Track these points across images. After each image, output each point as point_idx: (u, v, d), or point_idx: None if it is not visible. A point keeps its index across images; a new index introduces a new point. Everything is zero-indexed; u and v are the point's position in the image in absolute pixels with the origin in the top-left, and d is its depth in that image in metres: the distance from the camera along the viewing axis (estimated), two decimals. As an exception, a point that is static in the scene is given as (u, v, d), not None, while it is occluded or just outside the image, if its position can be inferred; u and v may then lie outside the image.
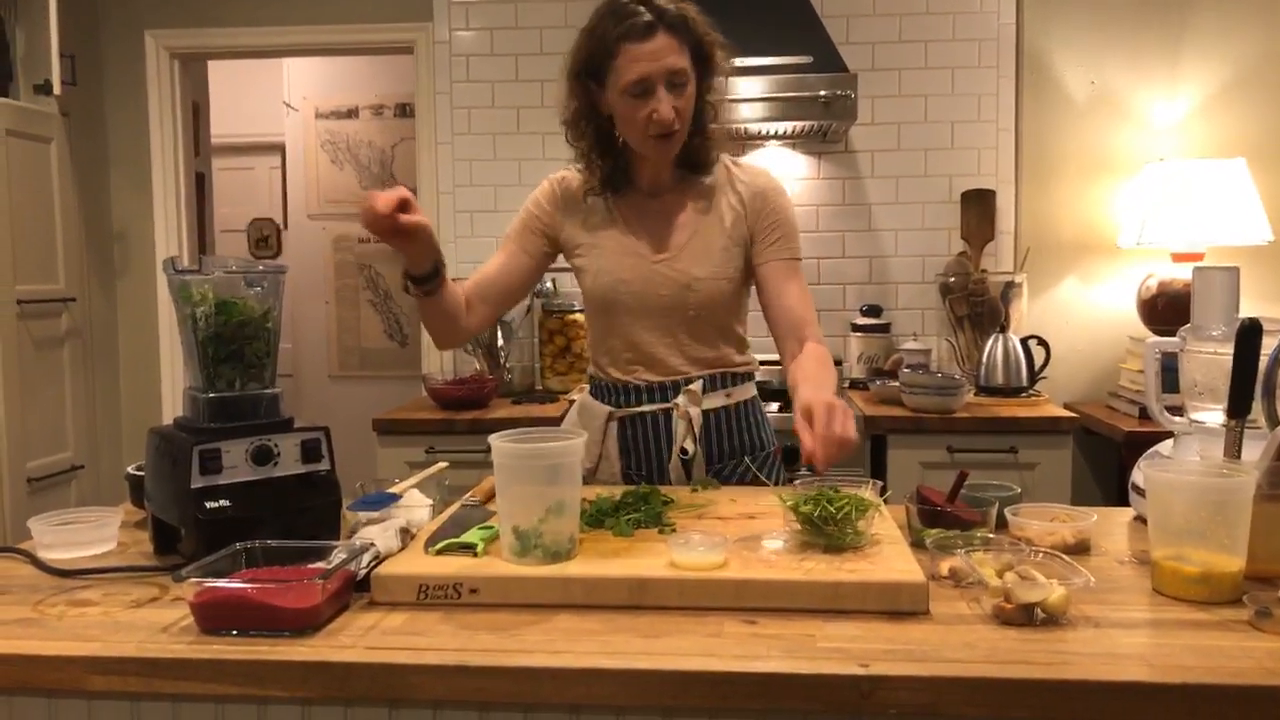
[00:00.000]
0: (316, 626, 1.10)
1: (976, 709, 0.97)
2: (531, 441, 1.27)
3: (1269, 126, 3.19)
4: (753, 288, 1.80)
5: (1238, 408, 1.26)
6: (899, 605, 1.15)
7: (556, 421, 2.82)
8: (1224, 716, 0.95)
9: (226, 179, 5.30)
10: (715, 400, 1.77)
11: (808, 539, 1.28)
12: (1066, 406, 3.19)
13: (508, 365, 3.31)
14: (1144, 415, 2.89)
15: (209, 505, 1.29)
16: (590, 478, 1.78)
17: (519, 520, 1.22)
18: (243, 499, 1.31)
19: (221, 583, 1.12)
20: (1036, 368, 3.06)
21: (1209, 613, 1.14)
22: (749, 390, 1.84)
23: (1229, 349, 1.41)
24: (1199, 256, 3.01)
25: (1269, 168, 3.10)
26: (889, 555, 1.24)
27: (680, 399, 1.73)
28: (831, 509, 1.25)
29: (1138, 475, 1.55)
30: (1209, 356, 1.47)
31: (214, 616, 1.10)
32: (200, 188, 3.94)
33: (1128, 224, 3.15)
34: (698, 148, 1.72)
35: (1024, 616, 1.11)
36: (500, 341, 3.31)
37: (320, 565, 1.20)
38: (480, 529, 1.33)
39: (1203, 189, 2.96)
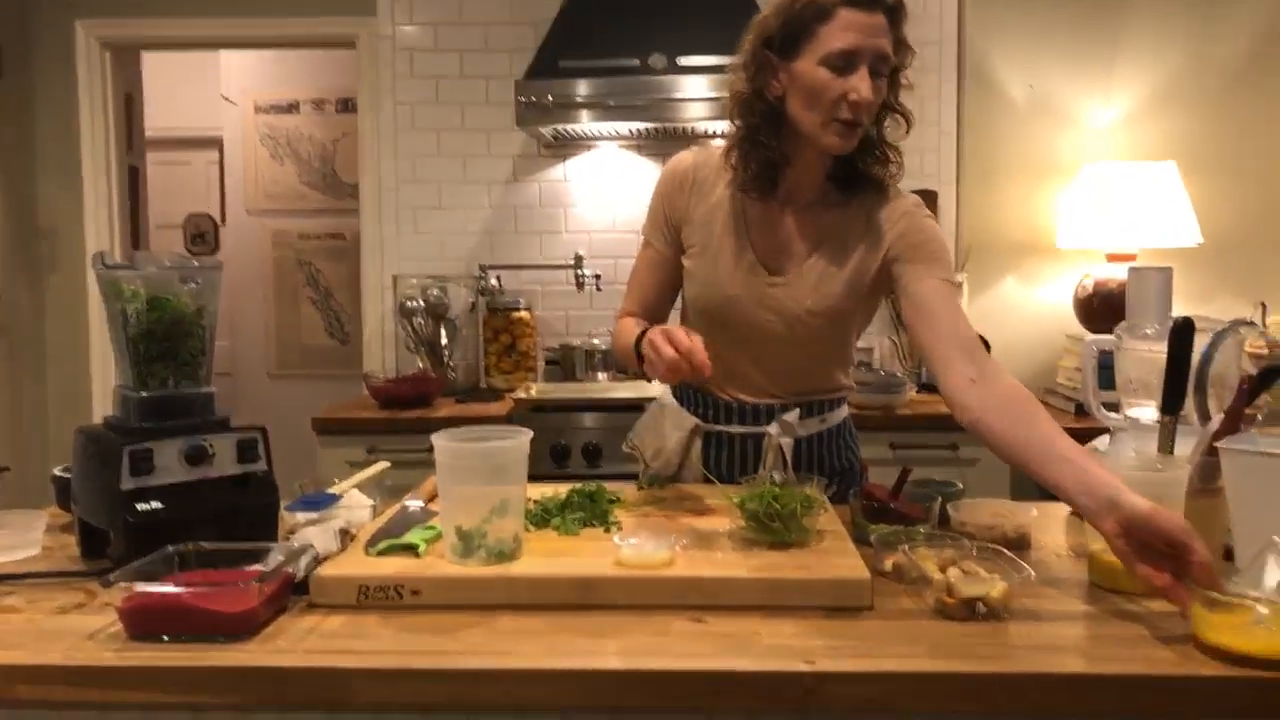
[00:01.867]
0: (252, 631, 1.07)
1: (921, 703, 0.98)
2: (476, 440, 1.25)
3: (1197, 131, 3.28)
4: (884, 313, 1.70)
5: (1171, 404, 1.29)
6: (844, 601, 1.15)
7: (501, 420, 2.80)
8: (1156, 706, 0.97)
9: (162, 174, 5.16)
10: (810, 427, 1.67)
11: (754, 536, 1.28)
12: (1005, 404, 3.24)
13: (451, 363, 3.27)
14: (1080, 411, 2.95)
15: (140, 507, 1.25)
16: (671, 481, 1.69)
17: (462, 520, 1.21)
18: (175, 501, 1.27)
19: (153, 587, 1.08)
20: (977, 366, 3.10)
21: (1144, 604, 1.16)
22: (843, 413, 1.74)
23: (1163, 346, 1.44)
24: (1132, 257, 3.08)
25: (1198, 171, 3.18)
26: (834, 551, 1.24)
27: (773, 428, 1.62)
28: (778, 506, 1.25)
29: (1075, 471, 1.58)
30: (1144, 354, 1.50)
31: (144, 622, 1.07)
32: (134, 182, 3.83)
33: (1065, 225, 3.22)
34: (863, 159, 1.55)
35: (966, 611, 1.12)
36: (444, 339, 3.28)
37: (257, 568, 1.17)
38: (422, 529, 1.31)
39: (1135, 191, 3.03)
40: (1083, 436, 1.73)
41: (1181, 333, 1.26)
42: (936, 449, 2.77)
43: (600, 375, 3.22)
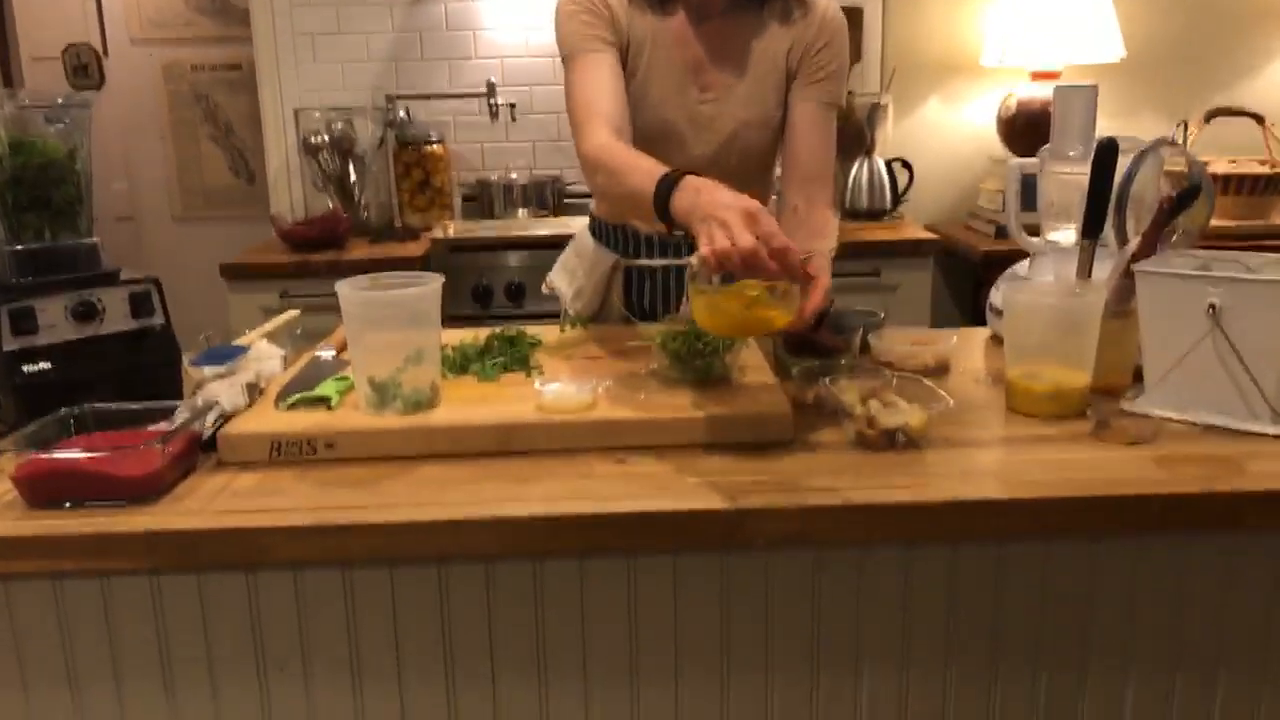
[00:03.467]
0: (160, 493, 1.03)
1: (840, 534, 1.00)
2: (384, 288, 1.19)
3: (1127, -60, 3.19)
4: None
5: (1091, 227, 1.28)
6: (766, 436, 1.15)
7: (417, 263, 2.72)
8: (1068, 524, 1.00)
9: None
10: None
11: (677, 375, 1.27)
12: (927, 228, 3.25)
13: (362, 202, 3.14)
14: (1000, 234, 2.97)
15: (26, 369, 1.18)
16: (594, 320, 1.65)
17: (375, 371, 1.16)
18: (65, 361, 1.20)
19: (49, 453, 1.03)
20: (900, 190, 3.09)
21: (1057, 427, 1.19)
22: None
23: (1085, 169, 1.42)
24: (1056, 75, 3.04)
25: (1125, -17, 3.11)
26: (755, 387, 1.24)
27: (694, 259, 1.55)
28: (699, 344, 1.23)
29: (995, 296, 1.59)
30: (1066, 177, 1.48)
31: (43, 490, 1.02)
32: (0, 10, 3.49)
33: (990, 42, 3.14)
34: None
35: (886, 441, 1.13)
36: (353, 176, 3.13)
37: (161, 427, 1.12)
38: (335, 380, 1.26)
39: (1060, 5, 2.96)
40: (1003, 259, 1.74)
41: (1104, 155, 1.24)
42: (859, 275, 2.78)
43: (520, 211, 3.12)
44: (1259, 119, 2.98)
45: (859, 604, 1.03)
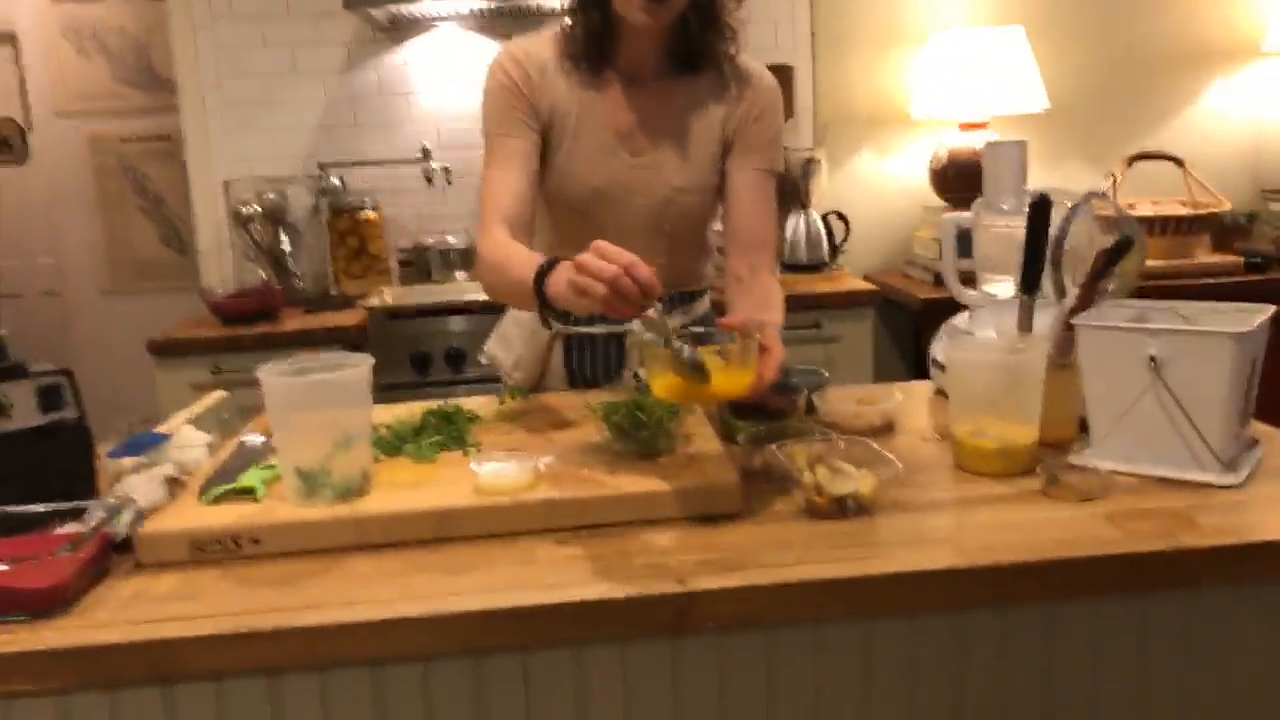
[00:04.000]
0: (68, 603, 0.96)
1: (795, 612, 0.96)
2: (309, 370, 1.14)
3: (1044, -7, 3.29)
4: None
5: (1029, 282, 1.28)
6: (714, 509, 1.11)
7: (353, 332, 2.66)
8: (1026, 590, 0.98)
9: (-52, 75, 4.61)
10: (672, 321, 1.57)
11: (620, 446, 1.23)
12: (866, 278, 3.27)
13: (297, 272, 3.07)
14: (938, 281, 3.00)
15: (-76, 474, 1.10)
16: (535, 390, 1.61)
17: (301, 459, 1.11)
18: (-33, 462, 1.13)
19: (-56, 566, 0.96)
20: (837, 242, 3.11)
21: (1007, 485, 1.17)
22: (705, 304, 1.69)
23: (1019, 222, 1.43)
24: (984, 126, 3.10)
25: (1045, 35, 3.20)
26: (702, 457, 1.20)
27: (635, 325, 1.55)
28: (641, 415, 1.20)
29: (937, 349, 1.58)
30: (1000, 230, 1.49)
31: (-62, 606, 0.94)
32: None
33: (918, 94, 3.20)
34: (697, 37, 1.47)
35: (837, 509, 1.10)
36: (286, 246, 3.07)
37: (70, 529, 1.05)
38: (260, 469, 1.20)
39: (984, 58, 3.02)
40: (942, 307, 1.73)
41: (1038, 211, 1.24)
42: (800, 329, 2.78)
43: (458, 274, 3.08)
44: (1178, 161, 3.06)
45: (816, 682, 0.99)
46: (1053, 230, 1.31)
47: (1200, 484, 1.13)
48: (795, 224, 3.05)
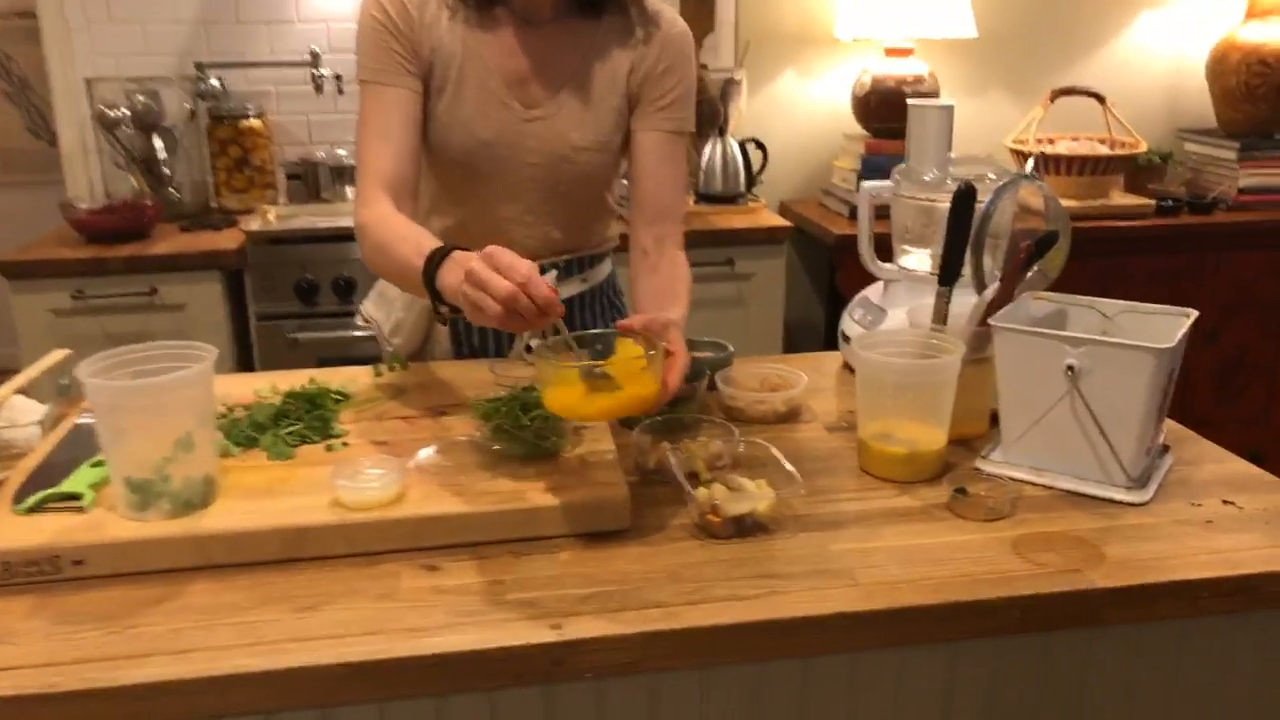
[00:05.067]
0: None
1: (680, 659, 0.88)
2: (140, 362, 1.00)
3: (977, -89, 3.14)
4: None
5: (948, 275, 1.19)
6: (601, 526, 1.02)
7: (233, 257, 2.46)
8: (925, 633, 0.92)
9: None
10: (570, 288, 1.48)
11: (501, 447, 1.12)
12: (782, 207, 3.18)
13: (173, 183, 2.83)
14: (853, 215, 2.93)
15: None
16: (416, 358, 1.48)
17: (134, 468, 0.97)
18: None
19: None
20: (754, 171, 2.99)
21: (912, 496, 1.10)
22: (605, 269, 1.56)
23: (941, 196, 1.34)
24: (909, 51, 2.98)
25: (975, -43, 3.06)
26: (592, 464, 1.10)
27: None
28: (525, 417, 1.09)
29: (847, 323, 1.50)
30: (921, 204, 1.39)
31: None
32: None
33: (844, 13, 3.06)
34: None
35: (732, 528, 1.02)
36: (161, 154, 2.81)
37: None
38: (91, 466, 1.06)
39: (914, -22, 2.89)
40: (855, 243, 1.58)
41: (961, 201, 1.15)
42: (713, 265, 2.67)
43: (349, 190, 2.87)
44: (1100, 98, 3.01)
45: (702, 723, 0.93)
46: (977, 208, 1.23)
47: (1109, 500, 1.09)
48: (712, 151, 2.92)
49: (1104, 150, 3.00)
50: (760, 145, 2.99)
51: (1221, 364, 3.05)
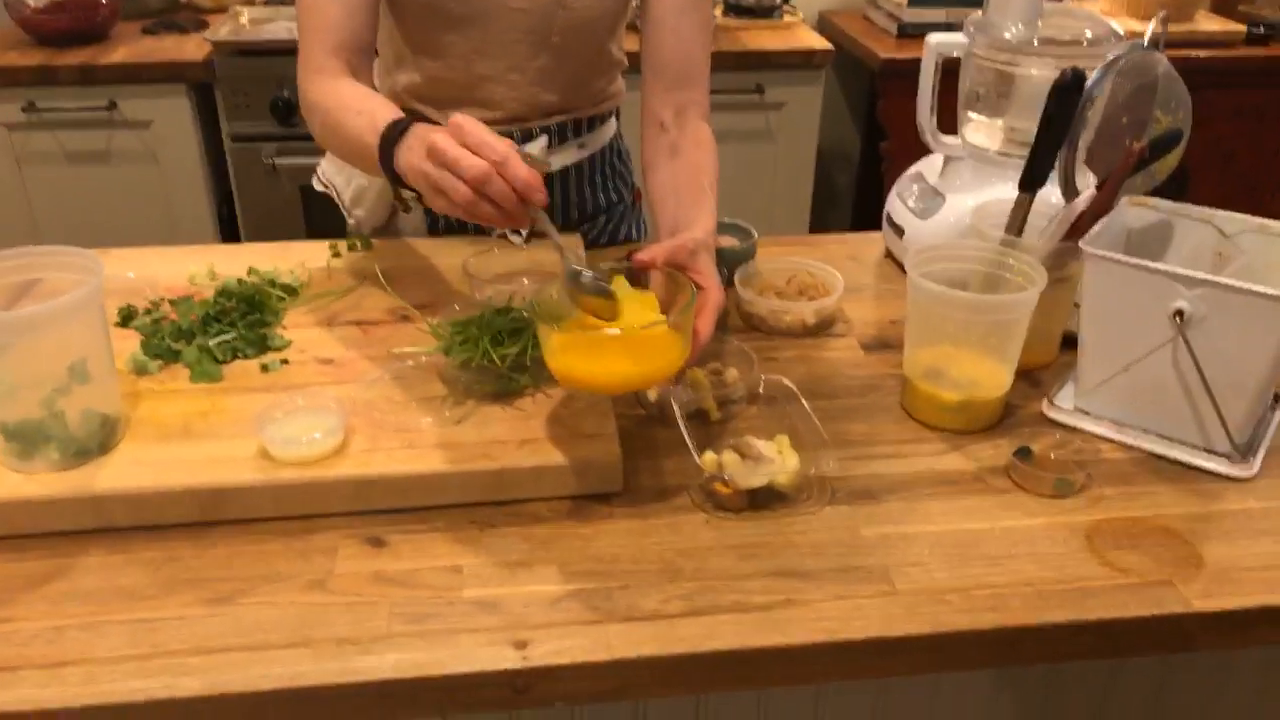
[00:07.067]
0: None
1: (668, 688, 0.72)
2: (13, 275, 0.80)
3: None
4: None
5: (1032, 180, 0.95)
6: (585, 489, 0.84)
7: (199, 69, 2.17)
8: (973, 659, 0.75)
9: None
10: (565, 156, 1.25)
11: (469, 382, 0.92)
12: (821, 20, 2.82)
13: (134, -25, 2.50)
14: (902, 34, 2.59)
15: None
16: (381, 232, 1.26)
17: (11, 411, 0.79)
18: None
19: None
20: (793, -22, 2.63)
21: (965, 454, 0.91)
22: (608, 131, 1.31)
23: (1026, 61, 1.08)
24: None
25: None
26: (577, 411, 0.90)
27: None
28: (492, 352, 0.89)
29: (894, 205, 1.27)
30: (999, 68, 1.13)
31: None
32: None
33: None
34: None
35: (745, 500, 0.84)
36: (119, -60, 2.46)
37: None
38: (-23, 391, 0.88)
39: None
40: (906, 72, 1.29)
41: (1064, 94, 0.89)
42: (741, 93, 2.37)
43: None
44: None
45: (696, 737, 0.78)
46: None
47: (1206, 471, 0.89)
48: (744, -45, 2.55)
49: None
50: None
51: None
